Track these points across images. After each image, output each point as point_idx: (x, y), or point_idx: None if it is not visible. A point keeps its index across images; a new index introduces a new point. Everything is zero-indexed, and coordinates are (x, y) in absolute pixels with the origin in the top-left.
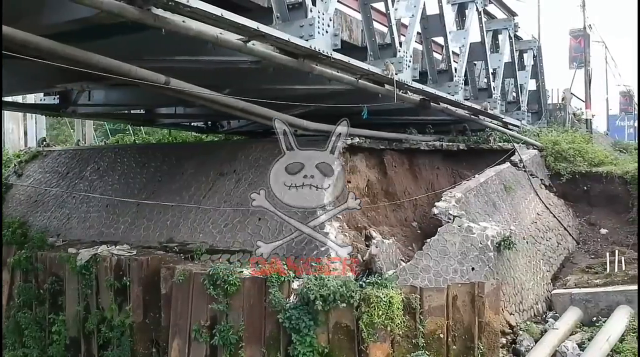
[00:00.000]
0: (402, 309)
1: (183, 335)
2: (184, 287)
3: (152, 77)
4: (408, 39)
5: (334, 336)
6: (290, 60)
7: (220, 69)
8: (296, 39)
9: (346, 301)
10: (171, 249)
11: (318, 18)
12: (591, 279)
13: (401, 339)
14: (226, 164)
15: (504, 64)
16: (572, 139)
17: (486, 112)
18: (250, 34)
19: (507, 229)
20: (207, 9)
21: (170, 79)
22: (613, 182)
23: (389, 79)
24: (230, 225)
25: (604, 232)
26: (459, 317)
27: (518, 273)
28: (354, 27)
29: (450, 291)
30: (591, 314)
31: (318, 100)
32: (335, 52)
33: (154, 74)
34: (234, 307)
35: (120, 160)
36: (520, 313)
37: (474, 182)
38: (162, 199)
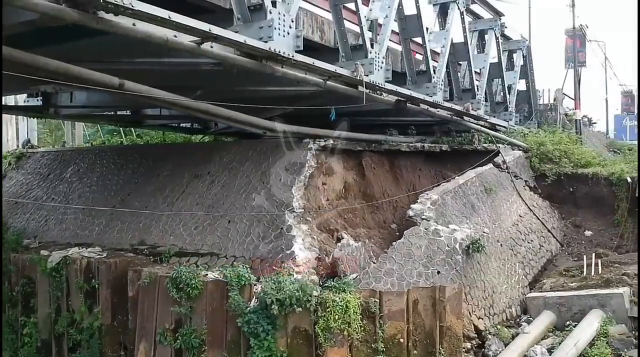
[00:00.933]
0: (360, 313)
1: (149, 338)
2: (150, 290)
3: (105, 79)
4: (381, 40)
5: (293, 340)
6: (250, 62)
7: (189, 70)
8: (253, 41)
9: (302, 305)
10: (141, 252)
11: (278, 19)
12: (567, 282)
13: (360, 343)
14: (201, 166)
15: (491, 65)
16: (558, 140)
17: (468, 113)
18: (203, 36)
19: (480, 231)
20: (152, 12)
21: (124, 82)
22: (599, 183)
23: (360, 81)
24: (201, 227)
25: (588, 235)
26: (420, 321)
27: (489, 276)
28: (325, 28)
29: (411, 294)
30: (564, 318)
31: (294, 102)
32: (297, 53)
33: (107, 76)
34: (197, 310)
35: (100, 161)
36: (491, 317)
37: (452, 184)
38: (138, 200)
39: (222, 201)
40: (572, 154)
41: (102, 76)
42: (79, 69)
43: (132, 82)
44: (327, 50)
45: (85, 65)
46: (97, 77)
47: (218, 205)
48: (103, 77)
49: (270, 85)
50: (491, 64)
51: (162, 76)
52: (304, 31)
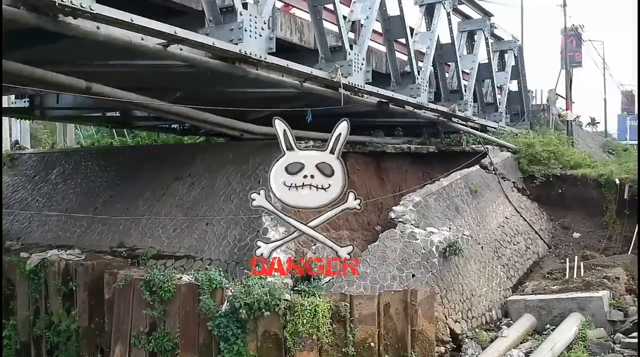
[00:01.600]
0: (330, 317)
1: (124, 341)
2: (125, 292)
3: (71, 82)
4: (362, 42)
5: (263, 344)
6: (222, 64)
7: (164, 72)
8: (222, 43)
9: (271, 309)
10: (120, 254)
11: (250, 21)
12: (549, 285)
13: (330, 347)
14: (183, 168)
15: (481, 65)
16: (547, 141)
17: (454, 114)
18: (169, 39)
19: (460, 234)
20: (113, 15)
21: (92, 85)
22: (588, 185)
23: (338, 83)
24: (179, 230)
25: (576, 236)
26: (391, 325)
27: (468, 279)
28: (305, 30)
29: (382, 298)
30: (545, 321)
31: (276, 104)
32: (271, 55)
33: (74, 79)
34: (170, 313)
35: (85, 163)
36: (469, 320)
37: (435, 186)
38: (119, 202)
39: (201, 203)
40: (561, 155)
41: (68, 79)
42: (43, 72)
43: (100, 85)
44: (307, 52)
45: (55, 68)
46: (62, 80)
47: (197, 207)
48: (69, 80)
49: (248, 87)
50: (481, 64)
51: (139, 79)
52: (283, 33)
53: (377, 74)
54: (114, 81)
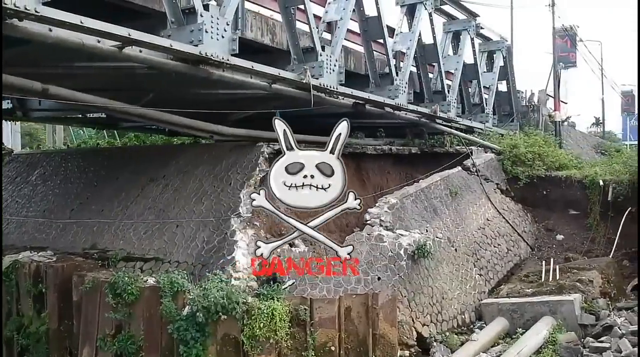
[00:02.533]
0: (290, 320)
1: (92, 343)
2: (92, 295)
3: (25, 84)
4: (335, 42)
5: (222, 348)
6: (183, 66)
7: (130, 74)
8: (181, 44)
9: (228, 313)
10: (91, 256)
11: (211, 23)
12: (524, 288)
13: (289, 351)
14: (158, 170)
15: (467, 66)
16: (532, 142)
17: (436, 115)
18: (123, 41)
19: (433, 236)
20: (60, 17)
21: (49, 87)
22: (572, 186)
23: (307, 84)
24: (150, 232)
25: (560, 238)
26: (352, 329)
27: (439, 282)
28: (277, 31)
29: (343, 302)
30: (517, 324)
31: (250, 105)
32: (234, 57)
33: (28, 81)
34: (135, 316)
35: (65, 165)
36: (439, 324)
37: (413, 188)
38: (95, 204)
39: (173, 205)
40: (546, 156)
41: (21, 81)
42: None
43: (57, 87)
44: (280, 53)
45: (14, 70)
46: (15, 82)
47: (169, 209)
48: (23, 82)
49: (216, 88)
50: (468, 65)
51: (107, 81)
52: (253, 34)
53: (356, 75)
54: (79, 84)
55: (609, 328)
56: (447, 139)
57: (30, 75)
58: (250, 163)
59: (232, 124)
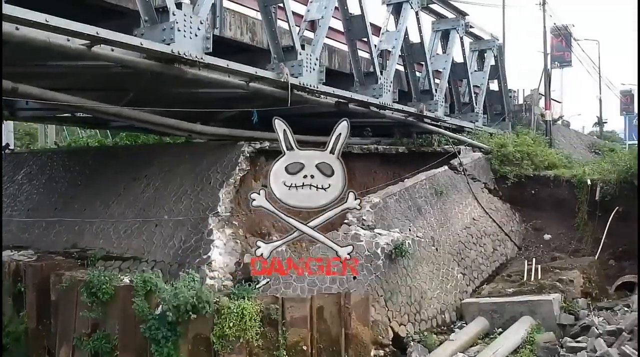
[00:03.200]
0: (261, 320)
1: (69, 342)
2: (70, 294)
3: None
4: (316, 41)
5: (194, 347)
6: (155, 64)
7: (106, 73)
8: (152, 43)
9: (198, 312)
10: (71, 255)
11: (184, 21)
12: (505, 287)
13: (261, 350)
14: (141, 169)
15: (457, 65)
16: (521, 142)
17: (422, 114)
18: (92, 39)
19: (412, 235)
20: (23, 15)
21: (18, 86)
22: (561, 186)
23: (285, 83)
24: (129, 231)
25: (547, 238)
26: (325, 328)
27: (418, 282)
28: (258, 29)
29: (315, 301)
30: (497, 324)
31: (230, 104)
32: (208, 55)
33: None
34: (110, 315)
35: (50, 164)
36: (417, 323)
37: (397, 187)
38: (78, 203)
39: (153, 204)
40: (535, 155)
41: None
42: None
43: (27, 86)
44: (261, 52)
45: None
46: None
47: (149, 208)
48: None
49: (196, 87)
50: (457, 64)
51: (85, 80)
52: (232, 32)
53: (340, 74)
54: (57, 83)
55: (587, 328)
56: (435, 139)
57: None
58: (230, 162)
59: (221, 124)
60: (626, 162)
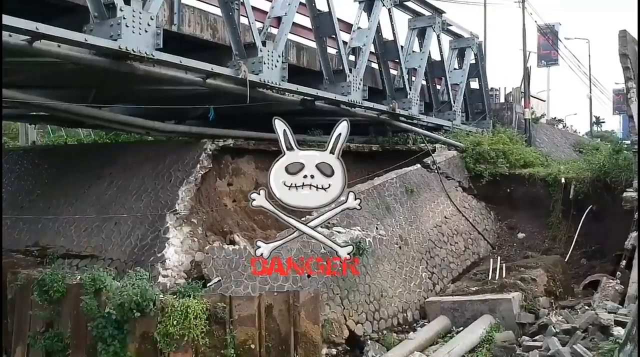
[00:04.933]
0: (207, 318)
1: (24, 341)
2: (25, 292)
3: None
4: (278, 38)
5: (141, 345)
6: (103, 60)
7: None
8: (97, 39)
9: (142, 310)
10: (31, 253)
11: (132, 17)
12: (469, 286)
13: (208, 349)
14: (106, 167)
15: (435, 62)
16: (497, 140)
17: (396, 112)
18: (32, 35)
19: (373, 234)
20: None
21: None
22: (536, 184)
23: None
24: (90, 229)
25: (521, 237)
26: (274, 327)
27: (378, 280)
28: (219, 26)
29: (263, 300)
30: (458, 323)
31: (199, 101)
32: (159, 51)
33: None
34: (63, 314)
35: (20, 162)
36: (376, 322)
37: (366, 185)
38: (43, 201)
39: (114, 202)
40: (510, 153)
41: None
42: None
43: None
44: (224, 50)
45: None
46: None
47: (110, 206)
48: None
49: (153, 84)
50: (435, 62)
51: (41, 77)
52: (192, 29)
53: (310, 72)
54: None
55: (545, 327)
56: (411, 137)
57: None
58: (192, 160)
59: (194, 122)
60: (599, 161)
